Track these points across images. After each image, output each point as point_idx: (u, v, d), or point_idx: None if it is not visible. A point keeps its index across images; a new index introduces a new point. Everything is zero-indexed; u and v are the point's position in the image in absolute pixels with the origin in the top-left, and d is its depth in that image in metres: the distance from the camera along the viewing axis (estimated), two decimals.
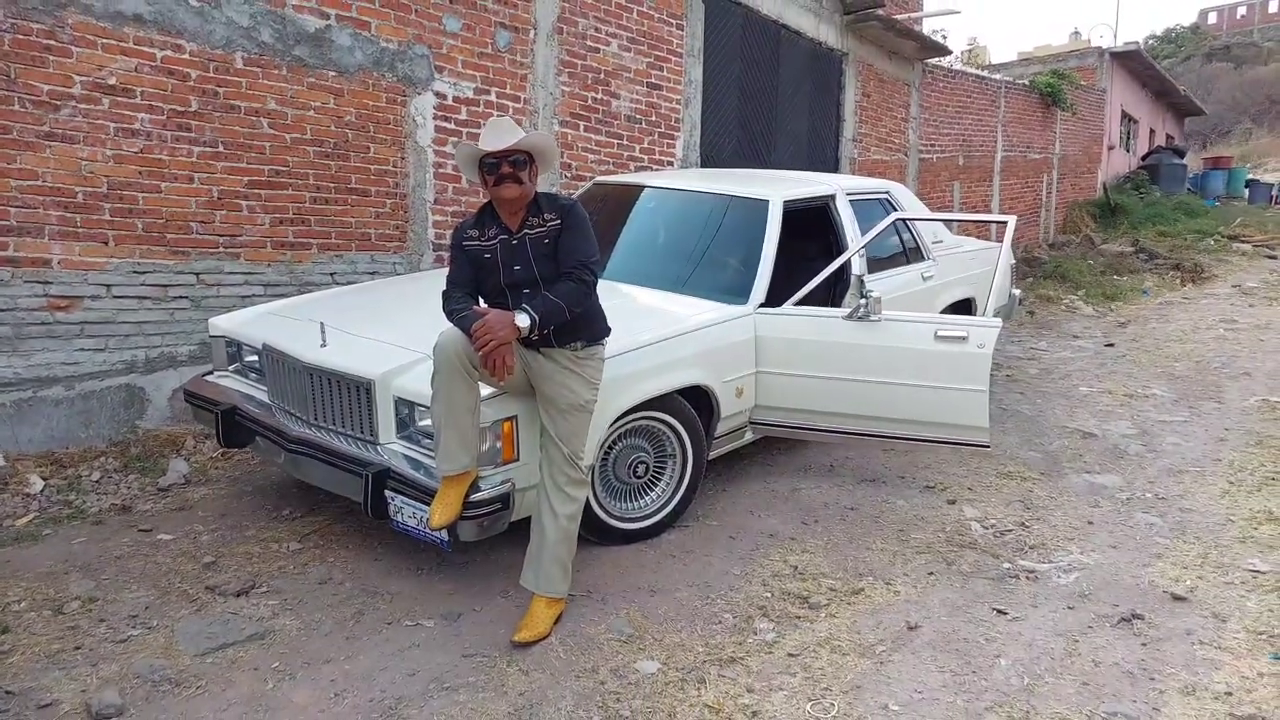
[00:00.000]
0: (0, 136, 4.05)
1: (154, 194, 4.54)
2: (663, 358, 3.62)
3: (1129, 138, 21.16)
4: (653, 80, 7.27)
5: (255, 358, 3.84)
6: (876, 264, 5.02)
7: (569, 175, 6.61)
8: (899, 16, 10.62)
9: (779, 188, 4.69)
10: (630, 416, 3.54)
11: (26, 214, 4.16)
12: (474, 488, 2.96)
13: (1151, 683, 2.84)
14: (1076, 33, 23.59)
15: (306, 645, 2.93)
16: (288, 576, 3.39)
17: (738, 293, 4.19)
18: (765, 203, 4.49)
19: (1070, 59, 18.09)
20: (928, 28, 12.77)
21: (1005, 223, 4.40)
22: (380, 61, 5.39)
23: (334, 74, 5.18)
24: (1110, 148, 19.00)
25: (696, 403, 3.84)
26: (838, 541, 3.85)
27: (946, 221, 5.89)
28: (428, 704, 2.64)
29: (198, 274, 4.76)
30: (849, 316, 4.04)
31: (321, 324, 3.48)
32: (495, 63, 6.04)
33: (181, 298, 4.72)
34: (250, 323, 3.94)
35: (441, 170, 5.75)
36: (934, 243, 5.65)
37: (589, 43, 6.68)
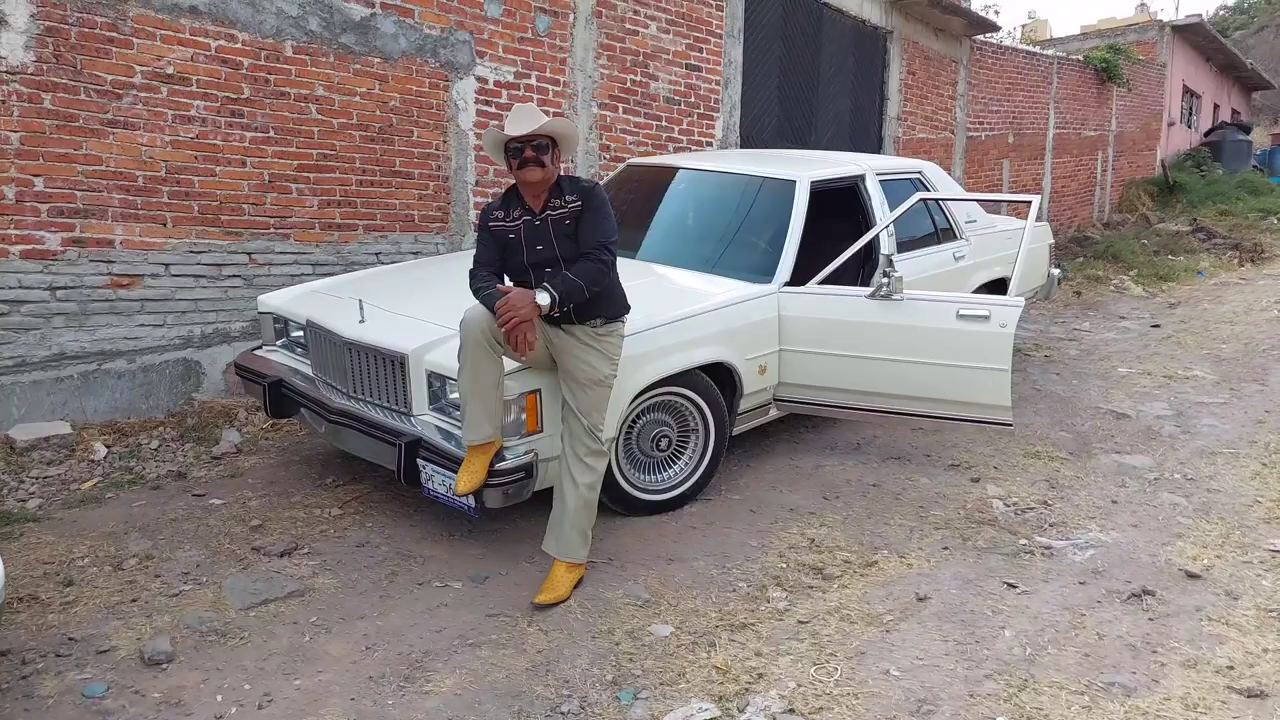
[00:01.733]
0: (69, 124, 4.30)
1: (209, 177, 4.78)
2: (685, 335, 3.74)
3: (1191, 113, 20.48)
4: (692, 61, 7.33)
5: (300, 333, 4.05)
6: (908, 244, 5.06)
7: (607, 157, 6.72)
8: None
9: (807, 168, 4.75)
10: (653, 391, 3.67)
11: (91, 197, 4.42)
12: (499, 457, 3.12)
13: (1154, 655, 2.90)
14: (1143, 4, 22.72)
15: (343, 602, 3.14)
16: (328, 539, 3.60)
17: (763, 272, 4.28)
18: (792, 183, 4.56)
19: (1129, 33, 17.53)
20: (979, 4, 12.53)
21: (1029, 203, 4.41)
22: (423, 48, 5.55)
23: (379, 60, 5.36)
24: (1170, 124, 18.45)
25: (720, 379, 3.96)
26: (857, 516, 3.94)
27: (973, 201, 5.86)
28: (452, 658, 2.83)
29: (250, 254, 5.00)
30: (871, 295, 4.10)
31: (360, 301, 3.67)
32: (535, 47, 6.17)
33: (235, 276, 4.97)
34: (296, 300, 4.15)
35: (482, 153, 5.90)
36: (967, 222, 5.65)
37: (628, 25, 6.77)
